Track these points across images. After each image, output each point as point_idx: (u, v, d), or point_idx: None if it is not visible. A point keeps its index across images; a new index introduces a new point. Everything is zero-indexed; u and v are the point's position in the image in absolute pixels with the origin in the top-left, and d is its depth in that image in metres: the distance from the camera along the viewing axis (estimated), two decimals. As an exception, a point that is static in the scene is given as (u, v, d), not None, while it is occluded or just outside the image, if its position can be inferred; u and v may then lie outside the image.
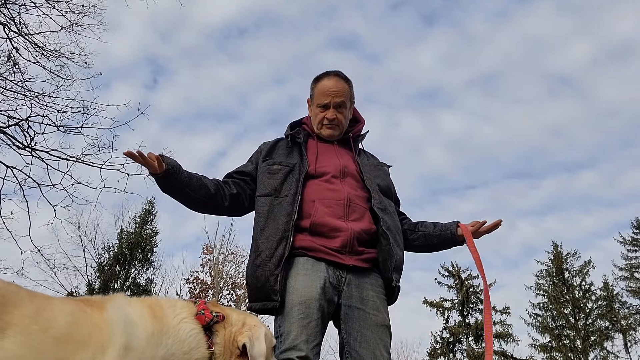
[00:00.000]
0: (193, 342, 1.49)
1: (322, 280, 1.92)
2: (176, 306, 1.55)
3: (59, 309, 1.30)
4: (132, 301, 1.49)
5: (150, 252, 21.78)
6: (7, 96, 7.66)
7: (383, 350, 1.93)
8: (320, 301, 1.89)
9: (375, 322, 1.95)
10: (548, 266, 27.60)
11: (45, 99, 7.81)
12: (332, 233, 2.00)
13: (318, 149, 2.26)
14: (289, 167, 2.16)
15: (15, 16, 7.70)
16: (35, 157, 7.65)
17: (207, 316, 1.56)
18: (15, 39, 7.78)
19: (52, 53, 8.09)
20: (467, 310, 26.14)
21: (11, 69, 7.68)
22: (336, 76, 2.30)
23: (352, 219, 2.04)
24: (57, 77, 8.07)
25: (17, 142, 7.56)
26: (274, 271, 1.93)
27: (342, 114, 2.28)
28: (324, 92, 2.25)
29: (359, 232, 2.02)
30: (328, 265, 1.96)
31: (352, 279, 1.99)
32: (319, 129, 2.30)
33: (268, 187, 2.13)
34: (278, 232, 1.99)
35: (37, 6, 7.82)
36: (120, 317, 1.37)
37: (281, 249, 1.96)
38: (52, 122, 7.69)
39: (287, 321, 1.86)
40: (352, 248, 1.99)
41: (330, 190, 2.09)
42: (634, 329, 24.76)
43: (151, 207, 22.79)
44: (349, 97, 2.31)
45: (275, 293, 1.90)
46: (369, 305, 1.97)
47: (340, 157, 2.24)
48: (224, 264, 19.77)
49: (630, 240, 27.02)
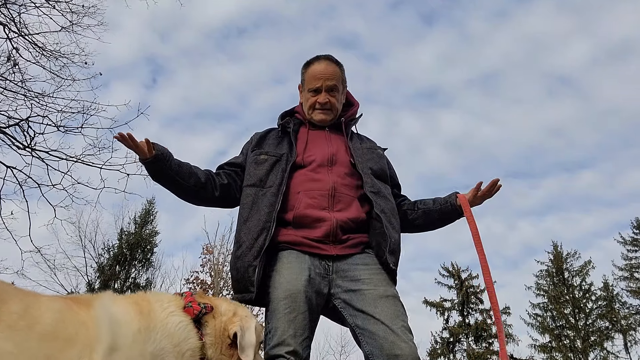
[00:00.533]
0: (182, 335, 1.48)
1: (307, 272, 1.88)
2: (163, 300, 1.55)
3: (46, 306, 1.31)
4: (119, 299, 1.49)
5: (150, 253, 21.80)
6: (7, 96, 7.66)
7: (395, 319, 1.80)
8: (307, 293, 1.84)
9: (376, 295, 1.85)
10: (548, 266, 27.61)
11: (45, 99, 7.82)
12: (314, 224, 1.96)
13: (308, 136, 2.21)
14: (276, 157, 2.13)
15: (15, 16, 7.71)
16: (35, 157, 7.65)
17: (195, 308, 1.55)
18: (15, 39, 7.79)
19: (52, 53, 8.10)
20: (467, 310, 26.13)
21: (11, 69, 7.69)
22: (327, 59, 2.25)
23: (337, 209, 2.00)
24: (57, 77, 8.07)
25: (17, 142, 7.56)
26: (253, 262, 1.90)
27: (335, 98, 2.23)
28: (315, 76, 2.21)
29: (344, 221, 1.98)
30: (312, 257, 1.92)
31: (340, 265, 1.94)
32: (310, 114, 2.25)
33: (254, 177, 2.10)
34: (259, 223, 1.96)
35: (37, 6, 7.82)
36: (105, 315, 1.37)
37: (261, 240, 1.93)
38: (52, 122, 7.69)
39: (275, 317, 1.83)
40: (335, 237, 1.95)
41: (315, 180, 2.05)
42: (634, 329, 24.77)
43: (151, 208, 22.83)
44: (340, 81, 2.26)
45: (252, 284, 1.88)
46: (365, 282, 1.89)
47: (330, 144, 2.19)
48: (224, 264, 19.76)
49: (630, 241, 27.04)
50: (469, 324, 25.72)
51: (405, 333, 1.79)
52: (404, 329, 1.80)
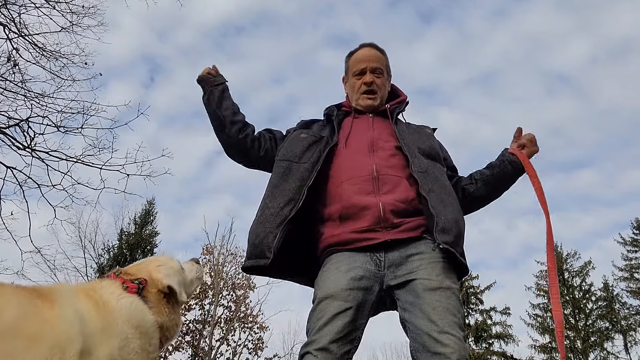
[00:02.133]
0: (138, 314, 1.48)
1: (355, 271, 1.79)
2: (106, 287, 1.52)
3: (7, 300, 1.23)
4: (78, 292, 1.45)
5: (150, 253, 21.75)
6: (7, 97, 7.66)
7: (443, 313, 1.68)
8: (352, 290, 1.76)
9: (426, 287, 1.73)
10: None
11: (45, 99, 7.82)
12: (360, 213, 1.86)
13: (352, 124, 2.14)
14: (316, 137, 2.09)
15: (15, 17, 7.70)
16: (35, 158, 7.65)
17: (132, 287, 1.55)
18: (15, 39, 7.78)
19: (52, 54, 8.10)
20: (467, 310, 26.11)
21: (11, 70, 7.69)
22: (370, 46, 2.26)
23: (384, 191, 1.89)
24: (57, 77, 8.08)
25: (17, 143, 7.56)
26: (274, 230, 1.86)
27: (380, 80, 2.20)
28: (359, 60, 2.21)
29: (393, 203, 1.86)
30: (364, 253, 1.83)
31: (393, 255, 1.83)
32: (357, 100, 2.20)
33: (289, 152, 2.06)
34: (288, 193, 1.92)
35: (37, 7, 7.83)
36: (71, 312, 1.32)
37: (287, 210, 1.89)
38: (52, 122, 7.69)
39: (313, 317, 1.79)
40: (386, 222, 1.84)
41: (355, 167, 1.96)
42: (634, 330, 24.76)
43: (151, 208, 22.81)
44: (385, 66, 2.25)
45: (269, 250, 1.83)
46: (418, 273, 1.76)
47: (373, 130, 2.10)
48: (224, 264, 19.77)
49: (631, 241, 27.04)
50: (469, 324, 25.70)
51: (455, 329, 1.66)
52: (453, 324, 1.67)
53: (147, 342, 1.46)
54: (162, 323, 1.55)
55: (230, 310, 19.11)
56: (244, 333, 19.18)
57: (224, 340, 18.82)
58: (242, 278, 19.47)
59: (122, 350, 1.37)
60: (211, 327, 18.56)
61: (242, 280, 19.53)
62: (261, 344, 18.82)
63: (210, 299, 19.64)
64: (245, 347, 18.80)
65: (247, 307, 19.30)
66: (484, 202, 2.20)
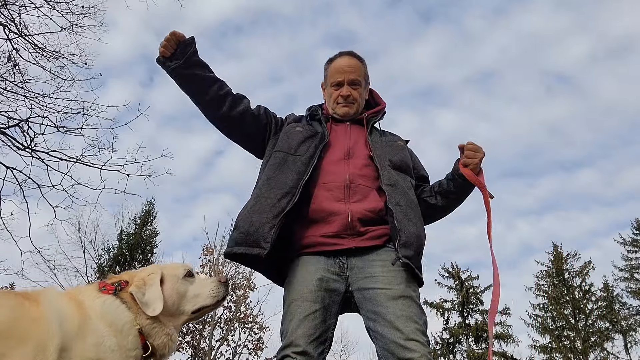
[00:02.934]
0: (111, 311, 1.50)
1: (320, 273, 1.87)
2: (83, 291, 1.57)
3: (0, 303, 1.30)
4: (61, 295, 1.50)
5: (150, 253, 21.76)
6: (7, 97, 7.68)
7: (407, 321, 1.75)
8: (319, 292, 1.84)
9: (389, 296, 1.80)
10: (548, 267, 27.59)
11: (45, 99, 7.84)
12: (329, 218, 1.94)
13: (331, 131, 2.20)
14: (311, 132, 2.15)
15: (15, 17, 7.72)
16: (35, 158, 7.65)
17: (109, 288, 1.57)
18: (15, 39, 7.80)
19: (52, 54, 8.11)
20: (467, 311, 26.11)
21: (11, 70, 7.69)
22: (349, 54, 2.29)
23: (354, 200, 1.97)
24: (57, 77, 8.08)
25: (17, 143, 7.57)
26: (272, 220, 1.87)
27: (357, 91, 2.24)
28: (338, 70, 2.24)
29: (361, 212, 1.94)
30: (327, 257, 1.91)
31: (356, 261, 1.91)
32: (333, 108, 2.26)
33: (285, 144, 2.10)
34: (285, 186, 1.94)
35: (37, 7, 7.83)
36: (54, 312, 1.37)
37: (284, 202, 1.91)
38: (52, 122, 7.70)
39: (286, 319, 1.85)
40: (353, 230, 1.92)
41: (331, 173, 2.04)
42: (634, 330, 24.75)
43: (151, 208, 22.80)
44: (363, 76, 2.28)
45: (265, 240, 1.84)
46: (380, 281, 1.84)
47: (349, 138, 2.18)
48: (223, 264, 19.75)
49: (630, 241, 27.03)
50: (469, 324, 25.69)
51: (419, 335, 1.74)
52: (417, 331, 1.75)
53: (123, 340, 1.48)
54: (141, 326, 1.55)
55: (230, 311, 19.09)
56: (244, 333, 19.17)
57: (224, 341, 18.81)
58: (242, 278, 19.44)
59: (98, 347, 1.40)
60: (211, 327, 18.55)
61: (242, 281, 19.51)
62: (261, 344, 18.81)
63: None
64: (245, 347, 18.80)
65: (247, 308, 19.28)
66: (444, 212, 2.28)
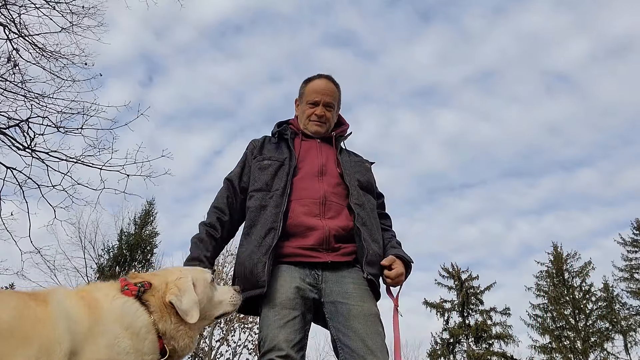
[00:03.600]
0: (130, 314, 1.47)
1: (297, 281, 1.98)
2: (102, 288, 1.54)
3: (4, 304, 1.28)
4: (70, 293, 1.46)
5: (150, 253, 21.78)
6: (7, 97, 7.65)
7: (376, 337, 1.92)
8: (296, 300, 1.95)
9: (361, 312, 1.96)
10: (548, 267, 27.60)
11: (45, 100, 7.80)
12: (307, 232, 2.06)
13: (302, 146, 2.34)
14: (279, 161, 2.26)
15: (15, 17, 7.70)
16: (35, 158, 7.63)
17: (132, 289, 1.55)
18: (15, 40, 7.78)
19: (52, 54, 8.09)
20: (467, 311, 26.12)
21: (11, 70, 7.68)
22: (327, 78, 2.44)
23: (329, 216, 2.11)
24: (57, 78, 8.07)
25: (17, 143, 7.55)
26: (262, 258, 1.99)
27: (330, 113, 2.40)
28: (316, 90, 2.38)
29: (336, 229, 2.08)
30: (303, 267, 2.03)
31: (330, 275, 2.03)
32: (305, 124, 2.39)
33: (259, 181, 2.22)
34: (267, 223, 2.07)
35: (37, 7, 7.82)
36: (61, 312, 1.34)
37: (269, 239, 2.03)
38: (52, 123, 7.68)
39: (265, 325, 1.93)
40: (328, 245, 2.05)
41: (307, 188, 2.17)
42: (634, 330, 24.76)
43: (151, 209, 22.81)
44: (337, 100, 2.45)
45: (262, 279, 1.96)
46: (352, 297, 1.99)
47: (321, 155, 2.32)
48: (224, 265, 19.76)
49: (631, 242, 27.04)
50: (469, 324, 25.70)
51: (384, 349, 1.92)
52: (382, 346, 1.93)
53: (139, 343, 1.45)
54: (165, 330, 1.54)
55: (230, 311, 19.11)
56: (244, 333, 19.19)
57: (223, 341, 18.82)
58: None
59: (110, 349, 1.37)
60: (211, 327, 18.55)
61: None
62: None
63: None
64: (245, 347, 18.81)
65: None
66: None
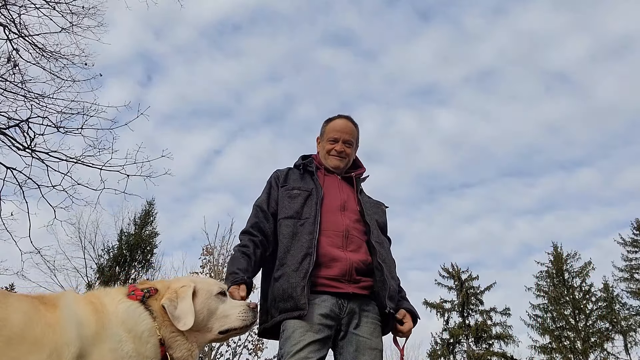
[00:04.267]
0: (133, 318, 1.50)
1: (324, 309, 2.09)
2: (110, 293, 1.57)
3: (13, 307, 1.27)
4: (79, 299, 1.48)
5: (150, 254, 21.75)
6: (7, 97, 7.65)
7: None
8: (321, 326, 2.05)
9: (368, 345, 2.12)
10: (548, 267, 27.60)
11: (45, 100, 7.81)
12: (331, 263, 2.17)
13: (325, 180, 2.49)
14: (307, 191, 2.40)
15: (15, 17, 7.71)
16: (35, 159, 7.63)
17: (138, 294, 1.58)
18: (15, 40, 7.79)
19: (52, 54, 8.10)
20: (467, 311, 26.12)
21: (11, 70, 7.68)
22: (347, 118, 2.63)
23: (351, 249, 2.23)
24: (57, 78, 8.07)
25: (17, 144, 7.55)
26: (301, 282, 2.08)
27: (350, 149, 2.57)
28: (336, 129, 2.57)
29: (357, 262, 2.20)
30: (331, 296, 2.13)
31: (353, 307, 2.16)
32: (326, 159, 2.57)
33: (290, 210, 2.33)
34: (303, 249, 2.17)
35: (37, 7, 7.82)
36: (71, 317, 1.35)
37: (306, 264, 2.13)
38: (52, 123, 7.68)
39: (288, 343, 2.02)
40: (350, 277, 2.17)
41: (332, 222, 2.29)
42: (634, 330, 24.75)
43: (151, 209, 22.79)
44: (355, 139, 2.62)
45: (301, 302, 2.04)
46: (364, 330, 2.14)
47: (342, 191, 2.47)
48: (223, 265, 19.74)
49: (631, 242, 27.03)
50: (469, 325, 25.70)
51: None
52: None
53: (142, 347, 1.47)
54: (164, 337, 1.55)
55: (230, 311, 19.09)
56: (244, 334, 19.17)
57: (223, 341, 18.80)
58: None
59: (115, 352, 1.39)
60: (211, 327, 18.54)
61: (242, 281, 19.50)
62: (261, 345, 18.81)
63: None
64: (245, 347, 18.80)
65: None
66: None
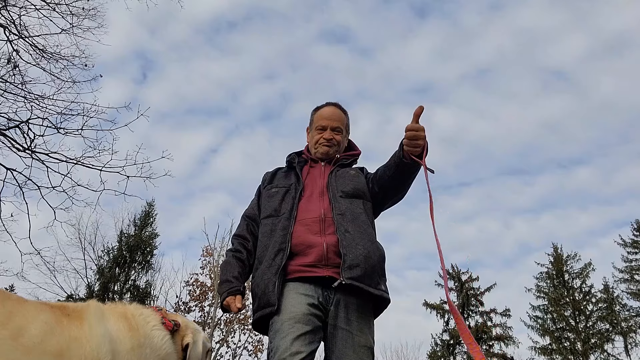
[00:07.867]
0: (165, 348, 1.56)
1: (311, 299, 2.04)
2: (143, 314, 1.61)
3: (32, 316, 1.24)
4: (107, 312, 1.48)
5: (150, 255, 21.76)
6: (7, 98, 7.67)
7: None
8: (309, 316, 2.00)
9: (358, 342, 2.06)
10: (548, 268, 27.58)
11: (45, 101, 7.83)
12: (307, 250, 2.14)
13: (309, 172, 2.47)
14: (286, 187, 2.39)
15: (15, 18, 7.73)
16: (35, 160, 7.65)
17: (168, 325, 1.65)
18: (15, 41, 7.81)
19: (52, 55, 8.12)
20: (468, 312, 26.09)
21: (11, 71, 7.70)
22: (334, 105, 2.57)
23: (328, 232, 2.18)
24: (57, 79, 8.09)
25: (17, 144, 7.56)
26: (272, 278, 2.08)
27: (339, 136, 2.52)
28: (323, 117, 2.52)
29: (334, 244, 2.14)
30: (317, 286, 2.08)
31: (340, 298, 2.09)
32: (315, 148, 2.52)
33: (269, 209, 2.34)
34: (276, 245, 2.17)
35: (38, 9, 7.84)
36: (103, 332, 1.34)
37: (279, 259, 2.12)
38: (52, 124, 7.69)
39: (277, 336, 1.98)
40: (327, 260, 2.11)
41: (308, 210, 2.27)
42: (634, 332, 24.72)
43: (151, 210, 22.80)
44: (344, 125, 2.56)
45: (272, 298, 2.04)
46: (354, 326, 2.08)
47: (323, 176, 2.43)
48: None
49: (631, 242, 27.01)
50: (469, 326, 25.68)
51: None
52: None
53: None
54: None
55: (230, 312, 19.09)
56: (244, 335, 19.16)
57: (223, 342, 18.80)
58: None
59: None
60: (211, 328, 18.54)
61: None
62: (261, 346, 18.80)
63: (210, 301, 19.64)
64: (245, 349, 18.80)
65: (247, 309, 19.28)
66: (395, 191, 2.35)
